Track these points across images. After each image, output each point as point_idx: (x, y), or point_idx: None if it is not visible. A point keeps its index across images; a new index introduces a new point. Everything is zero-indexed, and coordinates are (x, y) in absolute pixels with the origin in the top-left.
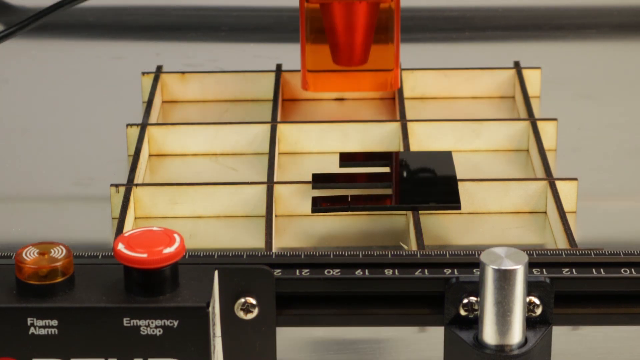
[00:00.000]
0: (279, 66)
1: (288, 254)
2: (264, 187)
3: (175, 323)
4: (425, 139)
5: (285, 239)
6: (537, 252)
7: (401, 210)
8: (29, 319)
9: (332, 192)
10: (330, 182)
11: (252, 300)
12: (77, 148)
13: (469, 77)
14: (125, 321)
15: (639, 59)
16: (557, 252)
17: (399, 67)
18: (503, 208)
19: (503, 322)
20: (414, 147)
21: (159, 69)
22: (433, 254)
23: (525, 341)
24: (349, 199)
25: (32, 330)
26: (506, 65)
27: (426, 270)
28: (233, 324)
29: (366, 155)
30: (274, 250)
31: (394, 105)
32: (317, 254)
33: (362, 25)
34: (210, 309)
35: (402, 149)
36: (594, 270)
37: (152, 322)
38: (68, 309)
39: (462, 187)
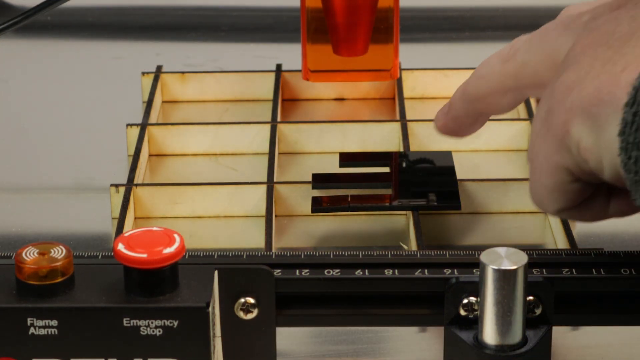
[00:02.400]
0: (279, 66)
1: (288, 254)
2: (264, 187)
3: (175, 323)
4: (425, 139)
5: (285, 239)
6: (537, 252)
7: (401, 210)
8: (29, 319)
9: (332, 192)
10: (330, 182)
11: (252, 300)
12: (77, 148)
13: (468, 77)
14: (125, 321)
15: None
16: (557, 252)
17: (398, 57)
18: (503, 208)
19: (503, 322)
20: (414, 147)
21: (159, 69)
22: (433, 254)
23: (525, 341)
24: (349, 199)
25: (32, 330)
26: None
27: (426, 270)
28: (233, 324)
29: (366, 155)
30: (274, 250)
31: (394, 105)
32: (317, 254)
33: (362, 4)
34: (210, 309)
35: (402, 149)
36: (594, 270)
37: (152, 322)
38: (68, 309)
39: (462, 187)
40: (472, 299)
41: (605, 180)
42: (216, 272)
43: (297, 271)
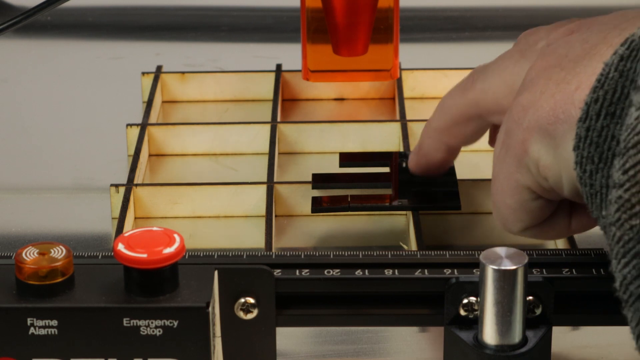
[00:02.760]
0: (279, 66)
1: (288, 254)
2: (264, 187)
3: (175, 323)
4: None
5: (285, 239)
6: (537, 252)
7: (401, 210)
8: (29, 319)
9: (332, 192)
10: (330, 182)
11: (252, 300)
12: (77, 148)
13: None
14: (125, 321)
15: None
16: (557, 252)
17: (398, 57)
18: None
19: (503, 322)
20: (414, 147)
21: (159, 69)
22: (433, 254)
23: (525, 341)
24: (349, 199)
25: (32, 330)
26: None
27: (426, 270)
28: (233, 324)
29: (366, 155)
30: (273, 250)
31: (394, 105)
32: (317, 254)
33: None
34: (210, 309)
35: (402, 149)
36: (594, 270)
37: (152, 322)
38: (68, 309)
39: (462, 187)
40: (472, 299)
41: (565, 197)
42: (216, 272)
43: (297, 271)
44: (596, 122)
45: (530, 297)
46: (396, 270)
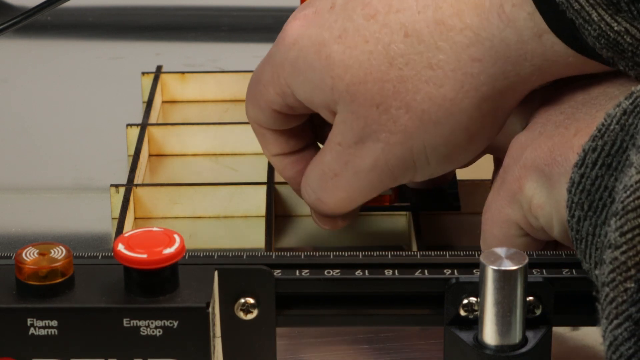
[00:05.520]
0: None
1: (288, 254)
2: (264, 187)
3: (175, 323)
4: None
5: (285, 239)
6: (537, 252)
7: (401, 210)
8: (28, 320)
9: None
10: None
11: (252, 301)
12: (77, 148)
13: None
14: (125, 322)
15: None
16: (557, 252)
17: None
18: None
19: (503, 322)
20: None
21: (159, 69)
22: (433, 254)
23: (525, 341)
24: None
25: (32, 330)
26: None
27: (426, 271)
28: (233, 324)
29: None
30: (273, 251)
31: None
32: (317, 254)
33: None
34: (210, 309)
35: None
36: None
37: (152, 323)
38: (68, 309)
39: (462, 187)
40: (472, 299)
41: (555, 239)
42: (216, 272)
43: (297, 271)
44: (591, 170)
45: (530, 297)
46: (396, 271)
